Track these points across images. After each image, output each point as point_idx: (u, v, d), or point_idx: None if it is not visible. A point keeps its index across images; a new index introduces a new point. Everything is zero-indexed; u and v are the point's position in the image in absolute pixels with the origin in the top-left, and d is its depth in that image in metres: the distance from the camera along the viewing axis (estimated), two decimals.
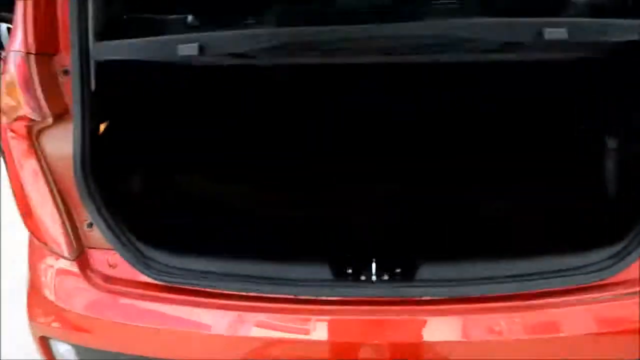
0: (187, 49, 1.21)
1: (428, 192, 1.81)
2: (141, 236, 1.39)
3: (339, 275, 1.27)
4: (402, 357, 1.25)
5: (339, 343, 1.28)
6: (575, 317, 1.20)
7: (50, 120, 1.32)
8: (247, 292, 1.29)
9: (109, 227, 1.36)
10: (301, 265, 1.31)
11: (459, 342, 1.23)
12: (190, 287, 1.32)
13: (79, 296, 1.41)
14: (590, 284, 1.20)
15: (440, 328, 1.24)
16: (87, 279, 1.40)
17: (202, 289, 1.32)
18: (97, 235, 1.38)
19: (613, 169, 1.62)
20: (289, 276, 1.30)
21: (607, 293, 1.20)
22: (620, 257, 1.20)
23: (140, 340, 1.36)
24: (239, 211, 1.78)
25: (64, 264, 1.42)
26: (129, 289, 1.38)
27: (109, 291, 1.38)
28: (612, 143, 1.59)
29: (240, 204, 1.82)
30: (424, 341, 1.24)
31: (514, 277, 1.19)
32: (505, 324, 1.20)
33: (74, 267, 1.41)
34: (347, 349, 1.27)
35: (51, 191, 1.38)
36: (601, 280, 1.20)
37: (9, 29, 5.59)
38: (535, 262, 1.23)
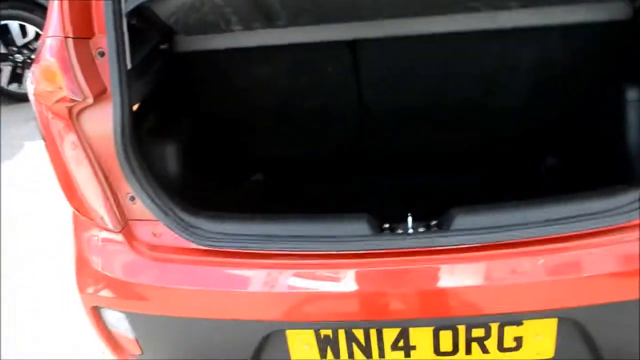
0: None
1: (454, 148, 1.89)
2: (183, 207, 1.47)
3: (377, 230, 1.35)
4: (436, 303, 1.34)
5: (374, 293, 1.37)
6: (602, 257, 1.28)
7: (90, 100, 1.39)
8: (285, 250, 1.37)
9: (152, 200, 1.44)
10: (341, 223, 1.39)
11: (490, 286, 1.32)
12: (234, 250, 1.40)
13: (128, 265, 1.49)
14: (618, 226, 1.28)
15: (471, 273, 1.32)
16: (134, 248, 1.48)
17: (244, 251, 1.40)
18: (140, 207, 1.46)
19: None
20: (330, 233, 1.38)
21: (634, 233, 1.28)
22: None
23: (188, 303, 1.45)
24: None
25: (110, 236, 1.50)
26: (174, 255, 1.46)
27: (156, 259, 1.47)
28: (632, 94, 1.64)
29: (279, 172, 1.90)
30: (456, 287, 1.33)
31: (544, 222, 1.27)
32: (535, 267, 1.29)
33: (119, 238, 1.49)
34: (381, 298, 1.36)
35: (93, 168, 1.45)
36: (628, 221, 1.27)
37: (21, 26, 5.52)
38: (564, 206, 1.31)
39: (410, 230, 1.36)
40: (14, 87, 5.27)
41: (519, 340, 1.36)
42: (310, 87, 1.84)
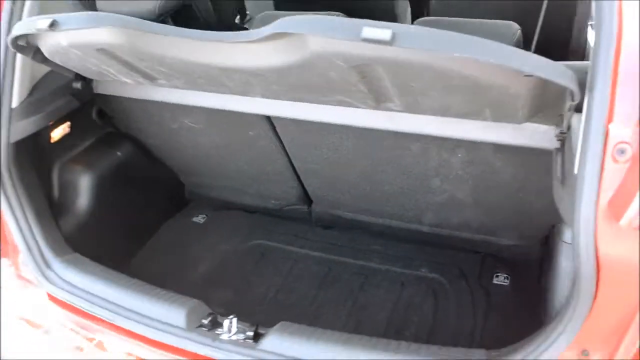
0: None
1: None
2: (54, 244, 1.53)
3: (194, 323, 1.32)
4: None
5: None
6: None
7: None
8: (102, 317, 1.36)
9: (20, 231, 1.52)
10: (165, 306, 1.35)
11: None
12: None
13: None
14: None
15: None
16: None
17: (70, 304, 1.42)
18: None
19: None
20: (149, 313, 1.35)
21: None
22: None
23: None
24: None
25: None
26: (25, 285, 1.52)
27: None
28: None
29: None
30: None
31: None
32: None
33: None
34: None
35: None
36: None
37: None
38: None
39: (224, 335, 1.27)
40: None
41: None
42: (238, 144, 1.75)
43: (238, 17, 2.27)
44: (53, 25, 1.17)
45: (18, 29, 1.27)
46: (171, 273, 1.85)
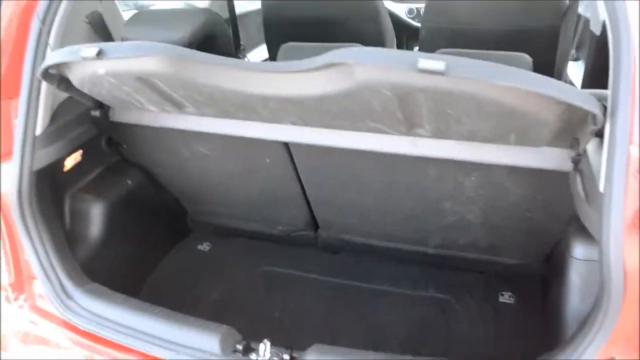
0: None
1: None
2: (72, 273, 1.51)
3: (228, 350, 1.31)
4: None
5: None
6: None
7: None
8: (131, 347, 1.34)
9: (39, 261, 1.50)
10: (196, 332, 1.35)
11: None
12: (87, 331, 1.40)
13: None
14: None
15: None
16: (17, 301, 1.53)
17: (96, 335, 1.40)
18: None
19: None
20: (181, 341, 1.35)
21: None
22: None
23: None
24: None
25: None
26: (44, 320, 1.49)
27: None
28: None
29: None
30: None
31: None
32: None
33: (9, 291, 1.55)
34: None
35: None
36: None
37: None
38: None
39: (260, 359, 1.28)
40: None
41: None
42: (251, 171, 1.78)
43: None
44: (100, 53, 1.19)
45: (58, 57, 1.28)
46: (181, 303, 1.84)
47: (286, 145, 1.62)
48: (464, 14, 2.28)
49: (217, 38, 1.69)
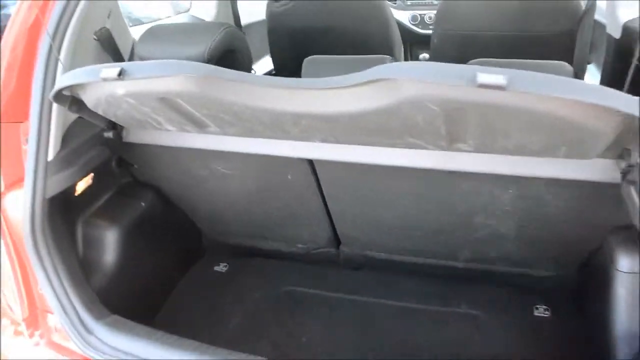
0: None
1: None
2: (90, 305, 1.42)
3: None
4: None
5: None
6: None
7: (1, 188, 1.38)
8: None
9: (54, 294, 1.40)
10: None
11: None
12: None
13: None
14: None
15: None
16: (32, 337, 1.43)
17: None
18: None
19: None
20: None
21: None
22: None
23: None
24: None
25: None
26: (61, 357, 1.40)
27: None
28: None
29: None
30: None
31: None
32: None
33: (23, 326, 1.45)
34: None
35: (10, 255, 1.44)
36: None
37: None
38: None
39: None
40: None
41: None
42: (272, 188, 1.70)
43: None
44: (122, 74, 1.11)
45: (74, 78, 1.20)
46: (201, 328, 1.75)
47: (310, 161, 1.55)
48: (477, 20, 2.23)
49: (237, 52, 1.61)
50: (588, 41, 2.23)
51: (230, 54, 1.58)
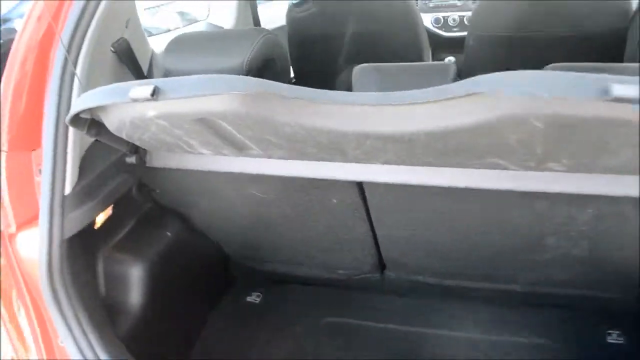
0: None
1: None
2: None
3: None
4: None
5: None
6: None
7: (13, 229, 1.20)
8: None
9: (78, 348, 1.22)
10: None
11: None
12: None
13: None
14: None
15: None
16: None
17: None
18: None
19: None
20: None
21: None
22: None
23: None
24: None
25: None
26: None
27: None
28: None
29: None
30: None
31: None
32: None
33: None
34: None
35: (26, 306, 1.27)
36: None
37: None
38: None
39: None
40: None
41: None
42: (313, 212, 1.52)
43: None
44: (155, 93, 0.93)
45: (96, 99, 1.02)
46: None
47: (359, 183, 1.37)
48: (517, 20, 2.06)
49: (277, 61, 1.43)
50: (637, 40, 2.07)
51: (271, 64, 1.40)
